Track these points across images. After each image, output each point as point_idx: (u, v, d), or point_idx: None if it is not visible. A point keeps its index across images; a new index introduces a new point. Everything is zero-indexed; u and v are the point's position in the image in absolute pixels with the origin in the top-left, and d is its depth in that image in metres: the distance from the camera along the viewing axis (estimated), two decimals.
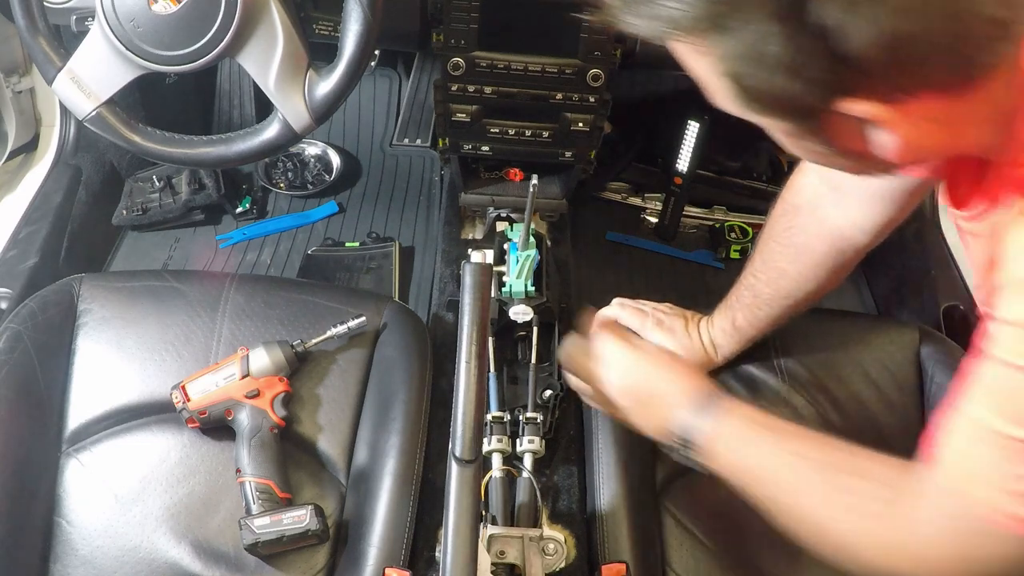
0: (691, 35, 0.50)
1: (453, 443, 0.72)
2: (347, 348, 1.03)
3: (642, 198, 1.70)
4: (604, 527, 0.91)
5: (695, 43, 0.51)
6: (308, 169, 1.70)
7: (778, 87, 0.50)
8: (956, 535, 0.58)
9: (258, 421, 0.93)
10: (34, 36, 0.86)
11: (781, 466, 0.72)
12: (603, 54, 1.12)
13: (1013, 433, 0.52)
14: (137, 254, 1.53)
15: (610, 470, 0.95)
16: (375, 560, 0.86)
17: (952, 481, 0.58)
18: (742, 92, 0.52)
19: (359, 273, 1.49)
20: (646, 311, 1.02)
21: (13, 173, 1.45)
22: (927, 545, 0.61)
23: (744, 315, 0.98)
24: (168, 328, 1.02)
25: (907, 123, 0.51)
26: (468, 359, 0.73)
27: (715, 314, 1.02)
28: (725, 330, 1.00)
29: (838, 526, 0.67)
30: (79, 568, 0.89)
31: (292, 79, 0.85)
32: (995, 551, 0.56)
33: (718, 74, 0.52)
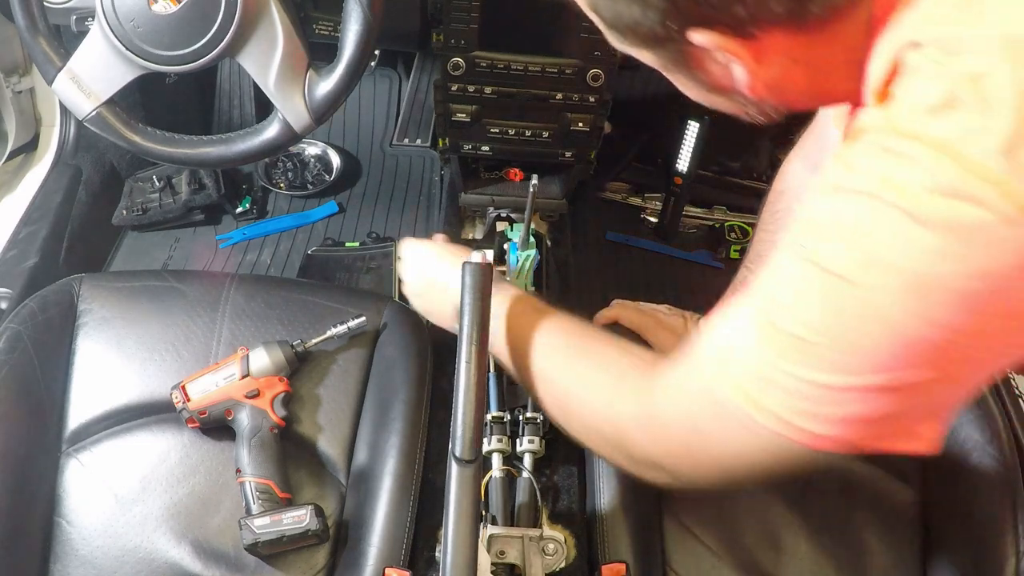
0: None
1: (453, 443, 0.72)
2: (347, 348, 1.03)
3: (642, 198, 1.70)
4: (604, 527, 0.91)
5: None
6: (308, 169, 1.70)
7: (628, 16, 0.52)
8: (698, 415, 0.57)
9: (258, 421, 0.93)
10: (34, 36, 0.86)
11: (541, 348, 0.73)
12: (603, 54, 1.13)
13: (788, 327, 0.51)
14: (137, 254, 1.53)
15: (610, 470, 0.95)
16: (375, 560, 0.86)
17: (706, 363, 0.57)
18: (605, 23, 0.55)
19: (359, 273, 1.49)
20: (645, 312, 1.02)
21: (13, 173, 1.45)
22: (668, 423, 0.60)
23: None
24: (168, 328, 1.02)
25: (765, 61, 0.51)
26: (468, 359, 0.73)
27: None
28: None
29: (586, 406, 0.68)
30: (79, 568, 0.89)
31: (292, 79, 0.85)
32: (733, 435, 0.55)
33: (586, 6, 0.56)
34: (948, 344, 0.47)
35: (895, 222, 0.45)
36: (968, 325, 0.46)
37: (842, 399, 0.50)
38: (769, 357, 0.51)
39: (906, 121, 0.45)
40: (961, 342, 0.46)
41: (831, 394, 0.49)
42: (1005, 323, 0.46)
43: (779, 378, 0.51)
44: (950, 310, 0.45)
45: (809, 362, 0.49)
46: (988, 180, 0.42)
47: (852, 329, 0.48)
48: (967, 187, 0.42)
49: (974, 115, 0.43)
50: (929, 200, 0.43)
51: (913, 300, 0.45)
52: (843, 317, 0.48)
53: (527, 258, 1.15)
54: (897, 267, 0.45)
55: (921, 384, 0.48)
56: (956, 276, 0.44)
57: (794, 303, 0.50)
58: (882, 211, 0.45)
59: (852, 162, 0.48)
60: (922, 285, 0.45)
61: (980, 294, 0.44)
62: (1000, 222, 0.42)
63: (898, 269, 0.45)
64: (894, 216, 0.45)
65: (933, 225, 0.44)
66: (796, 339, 0.50)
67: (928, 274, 0.44)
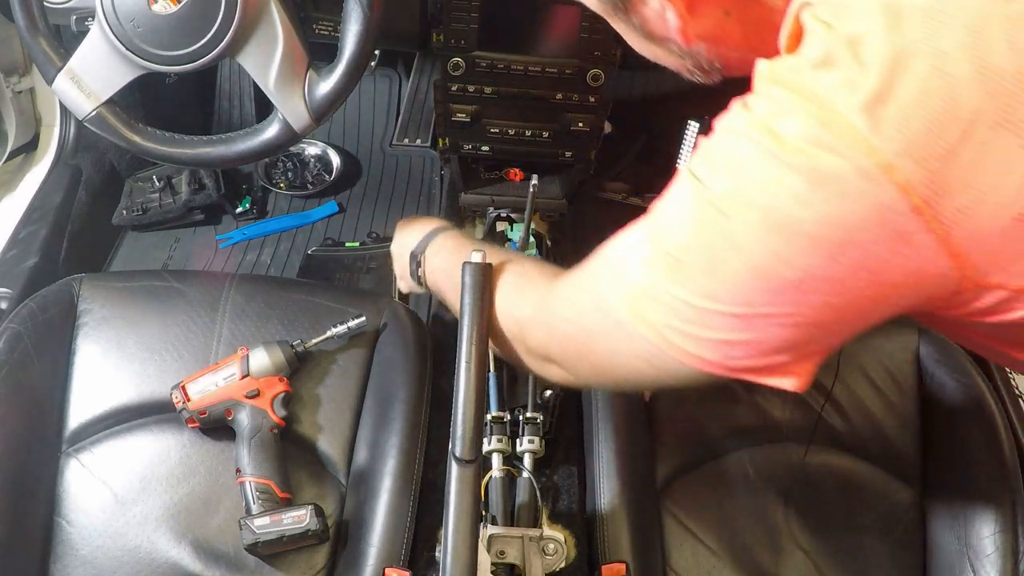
0: None
1: (453, 443, 0.72)
2: (347, 348, 1.03)
3: (642, 198, 1.70)
4: (604, 527, 0.92)
5: None
6: (308, 169, 1.70)
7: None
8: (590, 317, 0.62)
9: (258, 421, 0.93)
10: (34, 36, 0.86)
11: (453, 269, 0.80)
12: (603, 54, 1.12)
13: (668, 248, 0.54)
14: (137, 254, 1.53)
15: (610, 470, 0.96)
16: (375, 560, 0.86)
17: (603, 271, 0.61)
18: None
19: (359, 273, 1.49)
20: None
21: (13, 173, 1.45)
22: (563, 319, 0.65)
23: None
24: (168, 328, 1.02)
25: (698, 11, 0.55)
26: (468, 359, 0.73)
27: None
28: None
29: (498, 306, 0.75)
30: (79, 568, 0.89)
31: (292, 79, 0.85)
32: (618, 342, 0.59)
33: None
34: (805, 286, 0.49)
35: (765, 162, 0.47)
36: (824, 271, 0.48)
37: (709, 322, 0.53)
38: (652, 273, 0.55)
39: (789, 73, 0.48)
40: (820, 288, 0.49)
41: (700, 315, 0.53)
42: (864, 276, 0.48)
43: (659, 294, 0.54)
44: (805, 253, 0.47)
45: (682, 282, 0.53)
46: (850, 134, 0.44)
47: (717, 256, 0.51)
48: (830, 138, 0.45)
49: (847, 73, 0.45)
50: (797, 146, 0.46)
51: (771, 237, 0.48)
52: (711, 244, 0.51)
53: None
54: (760, 204, 0.48)
55: (781, 320, 0.51)
56: (813, 221, 0.46)
57: (676, 225, 0.54)
58: (756, 151, 0.48)
59: (747, 104, 0.51)
60: (781, 225, 0.47)
61: (834, 242, 0.47)
62: (857, 175, 0.45)
63: (761, 206, 0.48)
64: (765, 157, 0.47)
65: (797, 170, 0.46)
66: (673, 259, 0.53)
67: (787, 215, 0.47)
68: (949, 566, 0.93)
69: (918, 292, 0.49)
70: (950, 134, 0.44)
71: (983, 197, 0.44)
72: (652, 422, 1.03)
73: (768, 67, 0.50)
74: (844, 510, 1.00)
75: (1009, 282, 0.48)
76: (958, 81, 0.43)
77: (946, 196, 0.44)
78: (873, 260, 0.47)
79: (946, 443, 1.02)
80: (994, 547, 0.89)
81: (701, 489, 1.00)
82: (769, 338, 0.53)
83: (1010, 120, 0.43)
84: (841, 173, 0.45)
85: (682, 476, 1.00)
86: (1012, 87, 0.43)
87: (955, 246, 0.46)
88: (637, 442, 1.00)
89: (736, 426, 1.04)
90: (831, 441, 1.04)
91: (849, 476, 1.02)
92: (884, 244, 0.46)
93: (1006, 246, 0.46)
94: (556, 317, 0.66)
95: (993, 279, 0.48)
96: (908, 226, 0.45)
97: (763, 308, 0.51)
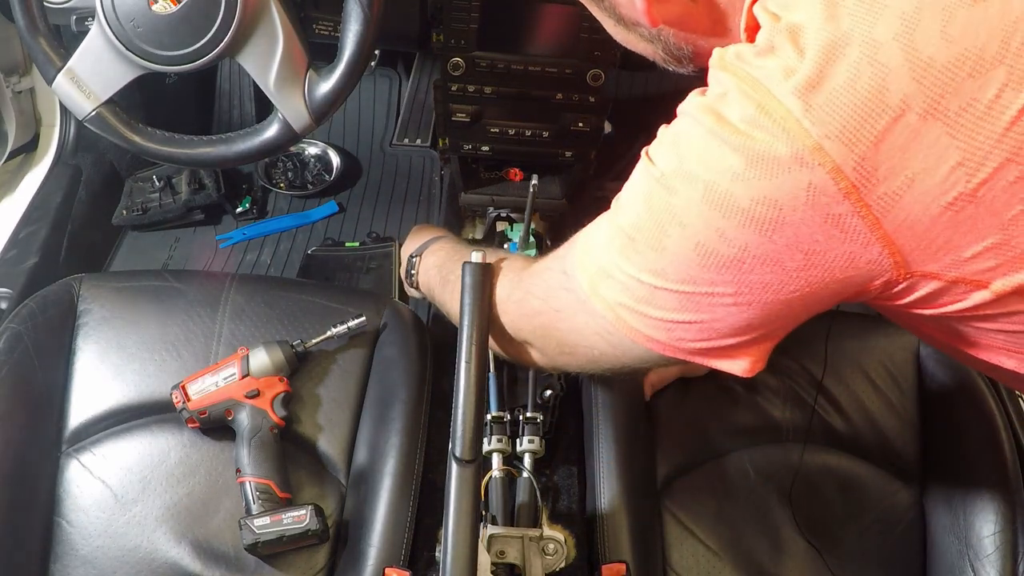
0: None
1: (453, 443, 0.72)
2: (347, 348, 1.03)
3: None
4: (604, 527, 0.92)
5: None
6: (308, 169, 1.70)
7: None
8: (558, 296, 0.65)
9: (258, 421, 0.93)
10: (34, 36, 0.86)
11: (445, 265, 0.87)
12: (603, 54, 1.12)
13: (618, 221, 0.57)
14: (137, 254, 1.52)
15: (610, 470, 0.96)
16: (375, 560, 0.86)
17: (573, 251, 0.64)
18: None
19: (359, 273, 1.48)
20: None
21: (13, 173, 1.45)
22: (535, 298, 0.69)
23: None
24: (168, 328, 1.02)
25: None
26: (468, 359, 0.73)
27: None
28: None
29: None
30: (79, 568, 0.89)
31: (292, 79, 0.85)
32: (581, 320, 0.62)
33: None
34: (744, 265, 0.51)
35: (707, 141, 0.50)
36: (760, 248, 0.50)
37: (657, 300, 0.55)
38: (609, 251, 0.57)
39: (734, 60, 0.50)
40: (758, 267, 0.51)
41: (649, 293, 0.55)
42: (799, 257, 0.49)
43: (614, 272, 0.57)
44: (742, 230, 0.49)
45: (633, 259, 0.55)
46: (784, 117, 0.46)
47: (664, 232, 0.53)
48: (766, 120, 0.47)
49: (784, 60, 0.47)
50: (737, 127, 0.48)
51: (711, 213, 0.50)
52: (658, 220, 0.53)
53: None
54: (702, 180, 0.50)
55: (724, 300, 0.53)
56: (748, 199, 0.48)
57: (630, 204, 0.57)
58: (700, 131, 0.50)
59: (698, 92, 0.53)
60: (720, 201, 0.49)
61: (768, 220, 0.48)
62: (789, 156, 0.46)
63: (703, 182, 0.50)
64: (707, 136, 0.50)
65: (736, 149, 0.48)
66: (627, 236, 0.56)
67: (726, 191, 0.49)
68: (949, 566, 0.93)
69: (854, 278, 0.50)
70: (879, 120, 0.45)
71: (911, 184, 0.45)
72: (652, 422, 1.03)
73: (718, 54, 0.52)
74: (844, 510, 1.00)
75: (943, 272, 0.49)
76: (889, 70, 0.44)
77: (875, 181, 0.46)
78: (807, 241, 0.49)
79: (946, 443, 1.02)
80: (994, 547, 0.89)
81: (701, 489, 1.00)
82: (715, 319, 0.54)
83: (939, 109, 0.44)
84: (775, 154, 0.47)
85: (682, 476, 1.00)
86: (943, 77, 0.44)
87: (885, 232, 0.47)
88: (637, 442, 1.00)
89: (736, 426, 1.04)
90: (831, 441, 1.04)
91: (849, 476, 1.02)
92: (816, 226, 0.48)
93: (937, 234, 0.47)
94: (528, 295, 0.70)
95: (926, 268, 0.49)
96: (838, 209, 0.47)
97: (706, 287, 0.53)
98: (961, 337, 0.57)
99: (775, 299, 0.52)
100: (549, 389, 1.06)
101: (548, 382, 1.07)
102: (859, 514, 1.00)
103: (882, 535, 0.99)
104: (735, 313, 0.54)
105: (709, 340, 0.56)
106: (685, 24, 0.59)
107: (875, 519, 1.00)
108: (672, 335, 0.56)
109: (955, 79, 0.44)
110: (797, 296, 0.52)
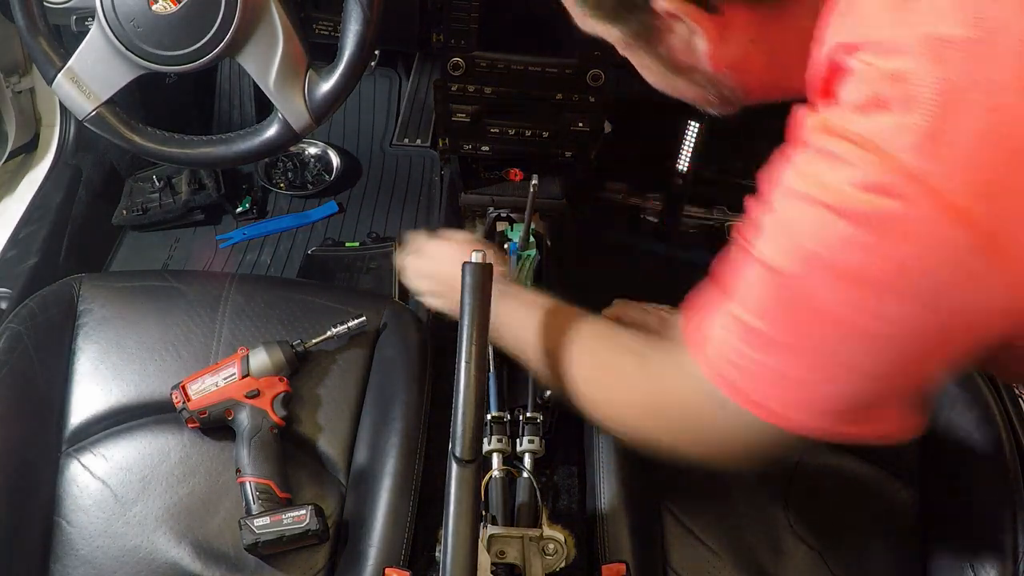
0: None
1: (453, 443, 0.72)
2: (347, 348, 1.03)
3: (642, 198, 1.70)
4: (604, 527, 0.91)
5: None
6: (308, 169, 1.70)
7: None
8: (687, 397, 0.61)
9: (258, 421, 0.93)
10: (34, 36, 0.86)
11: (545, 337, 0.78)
12: (603, 54, 1.12)
13: (742, 316, 0.54)
14: (137, 254, 1.53)
15: (610, 469, 0.96)
16: (375, 560, 0.86)
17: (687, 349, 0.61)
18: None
19: (359, 273, 1.49)
20: (649, 311, 1.02)
21: (13, 173, 1.45)
22: (664, 405, 0.64)
23: None
24: (168, 328, 1.02)
25: (726, 37, 0.54)
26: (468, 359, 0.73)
27: None
28: None
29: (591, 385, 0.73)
30: (79, 568, 0.89)
31: (292, 79, 0.85)
32: (717, 415, 0.58)
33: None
34: (879, 331, 0.49)
35: (821, 217, 0.47)
36: (896, 314, 0.48)
37: (792, 380, 0.53)
38: (732, 341, 0.55)
39: (837, 120, 0.48)
40: (895, 333, 0.49)
41: (782, 375, 0.53)
42: (936, 316, 0.48)
43: (742, 361, 0.54)
44: (873, 298, 0.47)
45: (760, 345, 0.53)
46: (906, 175, 0.44)
47: (788, 315, 0.51)
48: (886, 181, 0.44)
49: (896, 114, 0.44)
50: (852, 194, 0.45)
51: (841, 288, 0.48)
52: (780, 304, 0.52)
53: (527, 258, 1.15)
54: (822, 257, 0.48)
55: (861, 366, 0.51)
56: (880, 268, 0.46)
57: (745, 294, 0.54)
58: (810, 209, 0.48)
59: (795, 165, 0.51)
60: (848, 275, 0.47)
61: (904, 285, 0.46)
62: (916, 216, 0.44)
63: (822, 259, 0.48)
64: (820, 212, 0.47)
65: (854, 218, 0.46)
66: (749, 326, 0.53)
67: (854, 264, 0.47)
68: (949, 566, 0.93)
69: (993, 327, 0.49)
70: (1011, 168, 0.43)
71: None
72: None
73: (819, 120, 0.49)
74: (844, 510, 1.00)
75: None
76: (1016, 113, 0.42)
77: (1012, 231, 0.44)
78: (944, 299, 0.47)
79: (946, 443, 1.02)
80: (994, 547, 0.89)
81: (701, 489, 0.99)
82: (857, 388, 0.52)
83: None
84: (901, 216, 0.44)
85: (682, 476, 1.00)
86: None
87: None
88: None
89: None
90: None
91: (849, 476, 1.02)
92: (954, 283, 0.46)
93: None
94: (658, 403, 0.65)
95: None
96: (975, 264, 0.44)
97: (838, 357, 0.50)
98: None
99: (932, 363, 0.51)
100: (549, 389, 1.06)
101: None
102: (859, 514, 1.00)
103: (882, 535, 0.99)
104: (880, 381, 0.52)
105: (855, 410, 0.54)
106: (742, 67, 0.57)
107: (875, 519, 1.00)
108: (811, 410, 0.54)
109: None
110: (938, 351, 0.51)
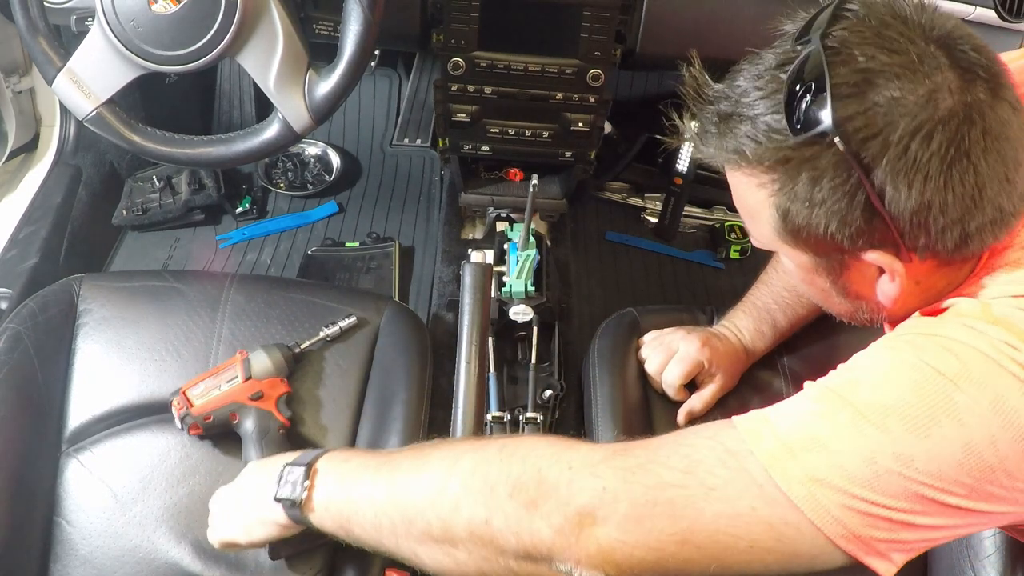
0: (757, 169, 0.58)
1: None
2: (347, 348, 1.03)
3: (642, 198, 1.70)
4: None
5: (758, 176, 0.58)
6: (308, 169, 1.70)
7: (821, 228, 0.57)
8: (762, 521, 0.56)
9: (266, 422, 0.93)
10: (34, 36, 0.86)
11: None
12: (603, 54, 1.13)
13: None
14: (137, 254, 1.53)
15: None
16: (375, 560, 0.86)
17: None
18: (785, 225, 0.59)
19: (359, 273, 1.49)
20: (662, 343, 1.02)
21: (13, 173, 1.45)
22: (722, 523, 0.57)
23: (786, 314, 1.00)
24: (168, 328, 1.02)
25: (905, 279, 0.59)
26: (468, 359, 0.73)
27: (739, 318, 1.02)
28: (763, 333, 1.01)
29: None
30: (79, 568, 0.89)
31: (292, 79, 0.85)
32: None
33: (769, 206, 0.59)
34: (994, 474, 0.52)
35: (998, 351, 0.53)
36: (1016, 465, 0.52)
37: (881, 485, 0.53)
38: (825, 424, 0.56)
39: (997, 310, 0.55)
40: (1007, 482, 0.52)
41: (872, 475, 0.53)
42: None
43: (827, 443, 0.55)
44: (1012, 444, 0.52)
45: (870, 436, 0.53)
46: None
47: (930, 418, 0.53)
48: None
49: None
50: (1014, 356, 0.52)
51: (992, 417, 0.52)
52: (928, 404, 0.53)
53: (527, 258, 1.15)
54: (990, 387, 0.52)
55: (953, 502, 0.53)
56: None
57: (877, 382, 0.56)
58: (984, 341, 0.54)
59: (936, 333, 0.56)
60: (1005, 411, 0.52)
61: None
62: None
63: (991, 388, 0.52)
64: (995, 346, 0.53)
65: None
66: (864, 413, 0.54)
67: (1013, 406, 0.52)
68: (949, 566, 0.93)
69: None
70: None
71: None
72: (652, 422, 1.03)
73: (973, 305, 0.57)
74: None
75: None
76: None
77: None
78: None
79: None
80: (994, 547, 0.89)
81: None
82: (943, 524, 0.54)
83: None
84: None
85: None
86: None
87: None
88: None
89: None
90: None
91: None
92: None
93: None
94: (654, 463, 0.59)
95: None
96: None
97: (948, 486, 0.52)
98: None
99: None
100: (549, 389, 1.06)
101: (548, 382, 1.08)
102: None
103: None
104: (963, 516, 0.54)
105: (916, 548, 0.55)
106: (901, 302, 0.62)
107: None
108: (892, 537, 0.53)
109: None
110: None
